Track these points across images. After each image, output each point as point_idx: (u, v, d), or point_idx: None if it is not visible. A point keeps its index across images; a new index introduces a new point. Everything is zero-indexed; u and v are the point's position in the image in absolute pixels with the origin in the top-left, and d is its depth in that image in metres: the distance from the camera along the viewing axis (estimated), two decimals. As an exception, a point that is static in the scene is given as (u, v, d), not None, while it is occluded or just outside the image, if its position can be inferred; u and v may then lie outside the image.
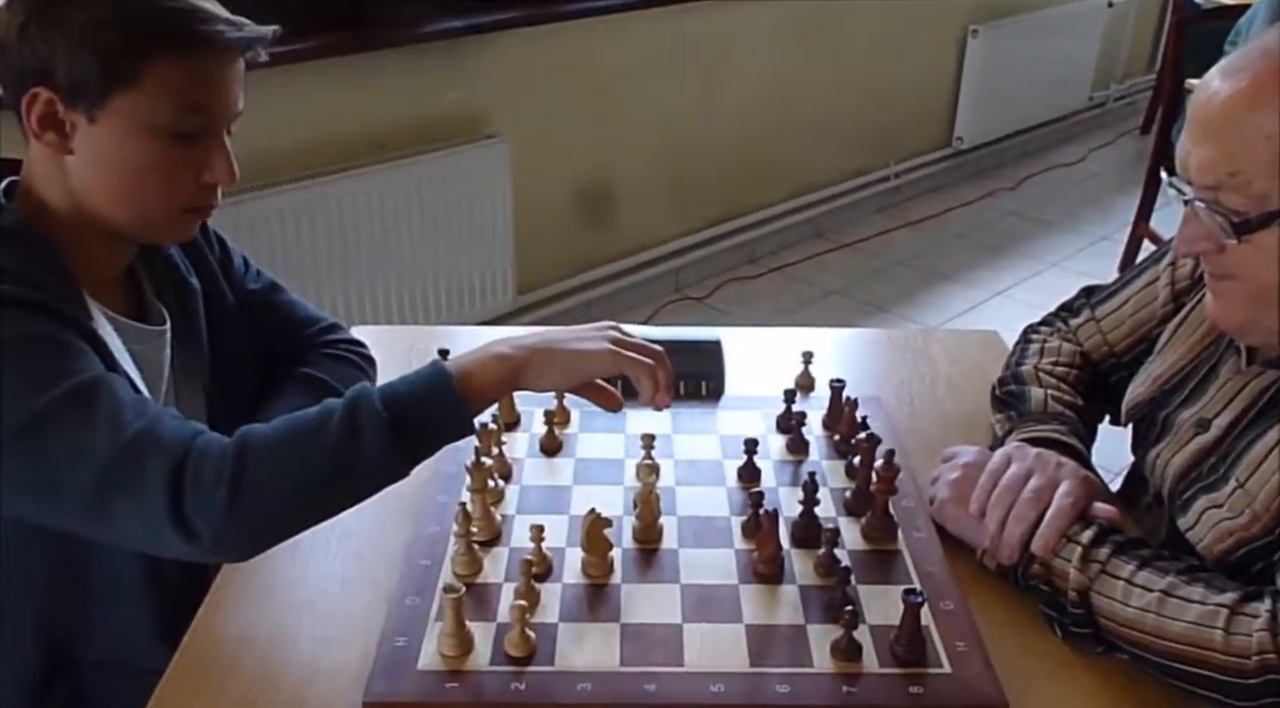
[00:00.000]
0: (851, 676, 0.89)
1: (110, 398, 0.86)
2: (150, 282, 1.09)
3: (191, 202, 1.00)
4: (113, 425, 0.85)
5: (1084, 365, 1.21)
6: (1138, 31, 4.98)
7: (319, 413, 0.87)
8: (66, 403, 0.85)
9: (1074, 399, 1.15)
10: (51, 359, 0.87)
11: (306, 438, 0.86)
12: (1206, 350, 1.05)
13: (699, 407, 1.29)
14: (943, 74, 4.10)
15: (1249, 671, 0.82)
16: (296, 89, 2.39)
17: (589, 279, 3.15)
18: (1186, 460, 1.01)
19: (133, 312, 1.05)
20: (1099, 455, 1.13)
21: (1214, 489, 0.96)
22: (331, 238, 2.46)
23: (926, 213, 4.03)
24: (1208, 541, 0.95)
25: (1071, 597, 0.92)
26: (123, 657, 1.05)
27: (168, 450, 0.84)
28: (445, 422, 0.88)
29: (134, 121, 0.93)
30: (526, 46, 2.76)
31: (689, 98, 3.25)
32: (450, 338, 1.39)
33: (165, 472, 0.83)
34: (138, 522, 0.84)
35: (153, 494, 0.83)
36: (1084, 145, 4.74)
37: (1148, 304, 1.17)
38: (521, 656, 0.90)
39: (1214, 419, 0.99)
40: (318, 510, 0.90)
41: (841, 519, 1.09)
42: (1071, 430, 1.09)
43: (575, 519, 1.05)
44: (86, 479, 0.84)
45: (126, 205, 0.97)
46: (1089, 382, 1.20)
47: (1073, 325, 1.25)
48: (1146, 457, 1.08)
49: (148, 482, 0.83)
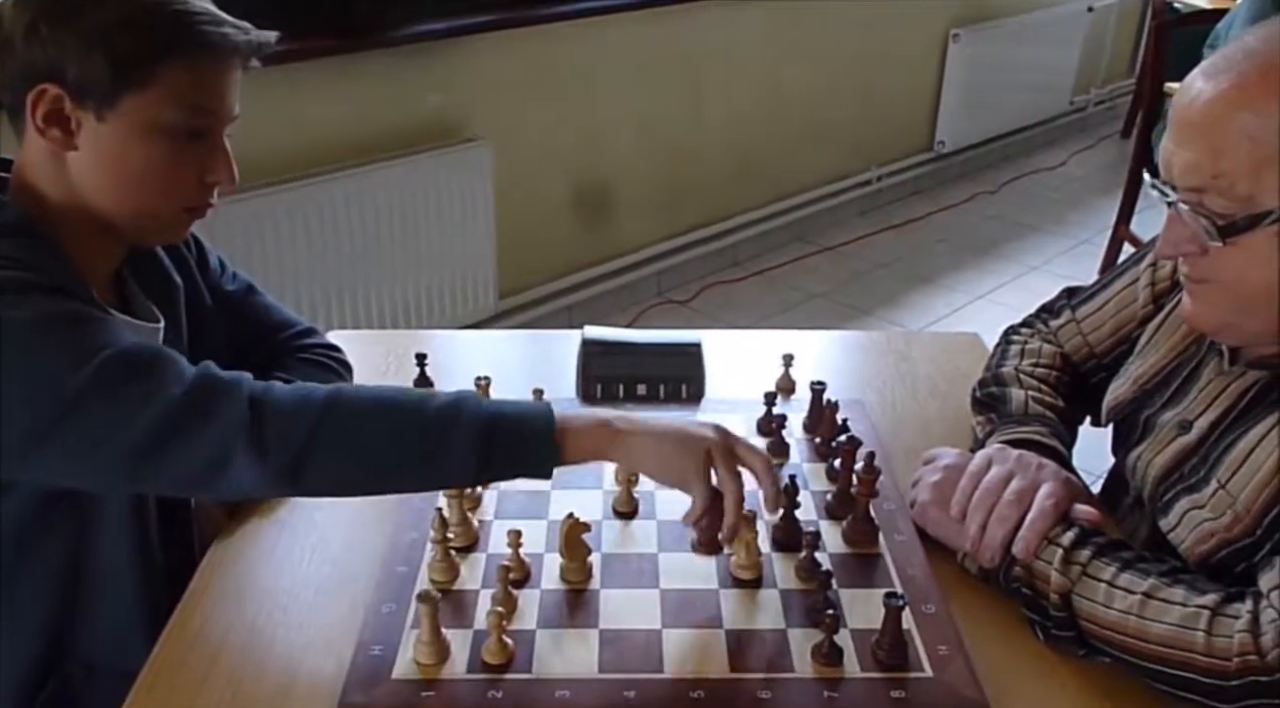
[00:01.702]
0: (833, 680, 0.88)
1: (165, 355, 0.88)
2: (137, 282, 1.09)
3: (192, 201, 1.01)
4: (176, 370, 0.86)
5: (1064, 367, 1.21)
6: (1118, 36, 5.01)
7: (421, 394, 0.93)
8: (118, 364, 0.85)
9: (1054, 401, 1.15)
10: (91, 327, 0.88)
11: (404, 408, 0.89)
12: (1189, 351, 1.05)
13: (679, 409, 1.28)
14: (925, 78, 4.11)
15: (1230, 672, 0.81)
16: (275, 92, 2.37)
17: (571, 283, 3.14)
18: (1168, 462, 1.00)
19: (120, 309, 1.05)
20: (1080, 458, 1.13)
21: (1195, 490, 0.96)
22: (311, 241, 2.44)
23: (908, 216, 4.04)
24: (1189, 542, 0.95)
25: (1053, 600, 0.91)
26: (114, 658, 1.03)
27: (243, 385, 0.87)
28: (530, 456, 0.90)
29: (143, 122, 0.94)
30: (508, 49, 2.75)
31: (672, 101, 3.25)
32: (429, 342, 1.38)
33: (245, 398, 0.85)
34: (212, 446, 0.84)
35: (232, 416, 0.84)
36: (1065, 149, 4.76)
37: (1128, 305, 1.17)
38: (499, 663, 0.89)
39: (1195, 420, 0.99)
40: (378, 479, 0.91)
41: (822, 522, 1.08)
42: (1052, 432, 1.08)
43: (554, 525, 1.04)
44: (159, 413, 0.83)
45: (129, 203, 0.98)
46: (1069, 383, 1.19)
47: (1053, 327, 1.25)
48: (1127, 458, 1.08)
49: (231, 405, 0.85)
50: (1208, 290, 0.92)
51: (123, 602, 1.03)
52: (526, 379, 1.25)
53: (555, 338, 1.49)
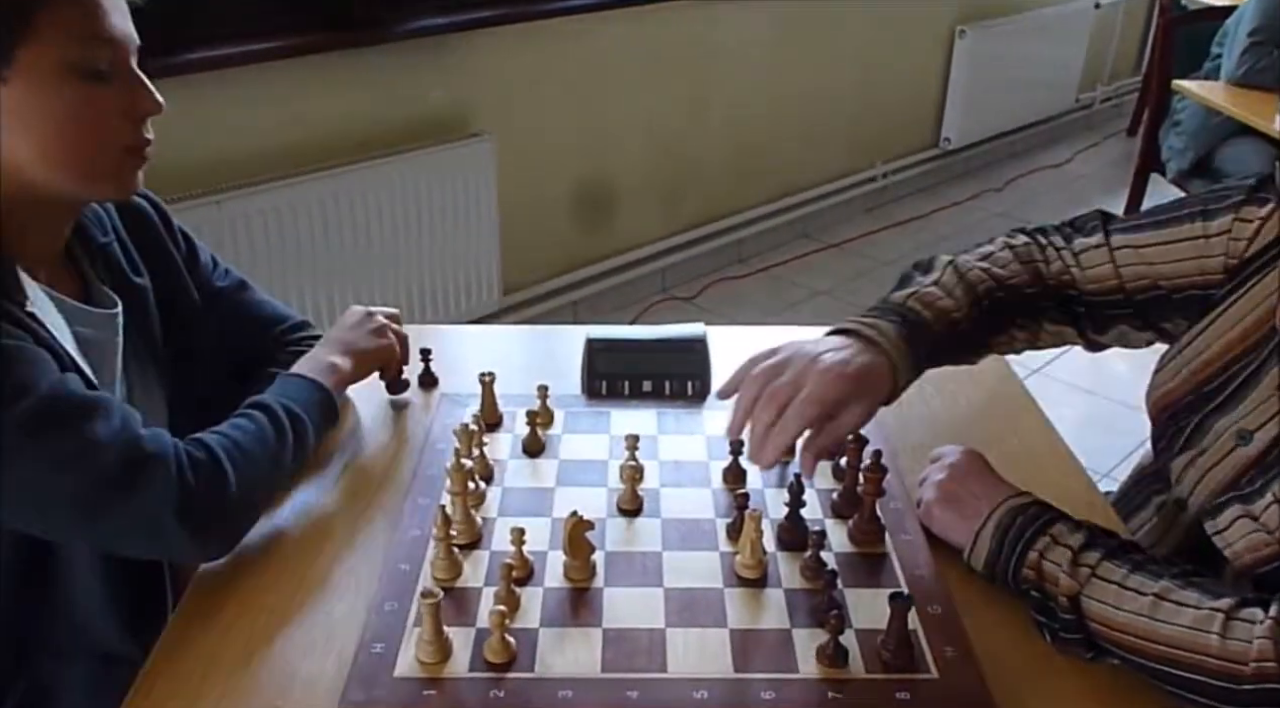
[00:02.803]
0: (838, 681, 0.87)
1: (82, 411, 0.90)
2: (95, 272, 1.07)
3: (127, 139, 0.98)
4: (94, 439, 0.89)
5: (1014, 282, 1.09)
6: (1125, 33, 4.99)
7: (266, 420, 1.03)
8: (41, 420, 0.86)
9: (954, 304, 1.05)
10: (15, 367, 0.87)
11: (271, 442, 1.02)
12: (1251, 352, 0.99)
13: (684, 407, 1.27)
14: (930, 75, 4.09)
15: (1244, 676, 0.80)
16: (280, 87, 2.37)
17: (576, 279, 3.13)
18: (1228, 475, 0.97)
19: (79, 296, 1.04)
20: (1088, 458, 1.11)
21: (1250, 501, 0.93)
22: (315, 237, 2.44)
23: (914, 214, 4.02)
24: (1240, 546, 0.93)
25: (1062, 602, 0.90)
26: (86, 643, 1.03)
27: (160, 460, 0.92)
28: (330, 408, 1.14)
29: (46, 71, 0.91)
30: (512, 44, 2.74)
31: (677, 97, 3.23)
32: (433, 337, 1.37)
33: (172, 480, 0.91)
34: (139, 528, 0.92)
35: (158, 498, 0.90)
36: (1071, 147, 4.75)
37: (1191, 258, 1.04)
38: (501, 662, 0.88)
39: (1256, 432, 0.96)
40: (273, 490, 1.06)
41: (828, 521, 1.07)
42: (900, 327, 1.01)
43: (557, 522, 1.03)
44: (77, 491, 0.88)
45: (65, 160, 0.95)
46: (1005, 299, 1.08)
47: (1076, 245, 1.11)
48: (1173, 461, 1.05)
49: (153, 486, 0.90)
50: None
51: (92, 583, 1.02)
52: (530, 375, 1.25)
53: (559, 334, 1.48)
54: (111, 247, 1.09)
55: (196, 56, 2.19)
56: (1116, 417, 2.59)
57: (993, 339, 1.12)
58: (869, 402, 0.97)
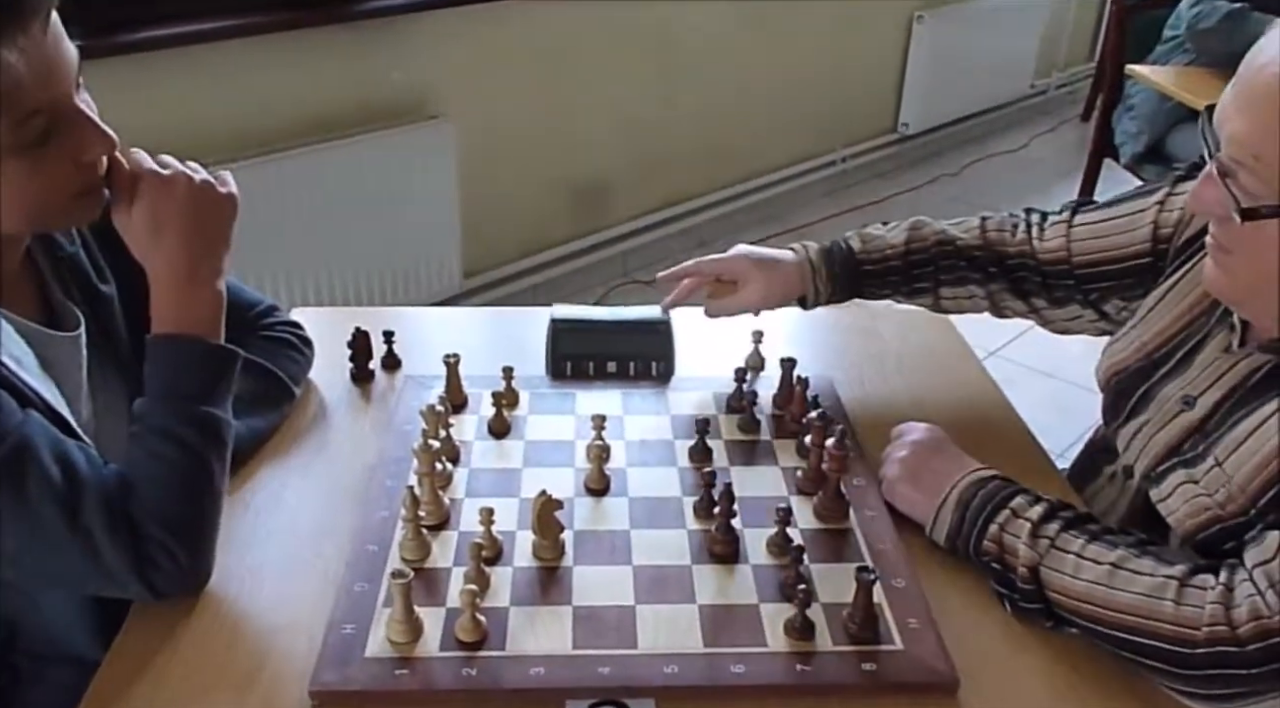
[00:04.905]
0: (805, 654, 0.89)
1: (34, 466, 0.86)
2: (58, 284, 1.04)
3: (78, 187, 0.92)
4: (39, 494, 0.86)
5: (964, 247, 1.23)
6: (1079, 20, 5.05)
7: (183, 452, 0.93)
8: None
9: (891, 251, 1.24)
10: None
11: (198, 474, 0.94)
12: (1196, 323, 1.03)
13: (649, 387, 1.28)
14: (889, 60, 4.12)
15: (1198, 641, 0.83)
16: (234, 67, 2.33)
17: (537, 262, 3.12)
18: (1171, 439, 1.00)
19: (41, 316, 1.00)
20: (1045, 436, 1.14)
21: (1192, 466, 0.96)
22: (272, 219, 2.40)
23: (872, 198, 4.05)
24: (1181, 513, 0.95)
25: (1022, 573, 0.92)
26: (60, 648, 1.01)
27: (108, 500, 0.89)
28: (227, 369, 1.02)
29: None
30: (472, 25, 2.72)
31: (638, 81, 3.23)
32: (395, 319, 1.37)
33: (125, 543, 0.89)
34: (97, 576, 0.89)
35: (110, 556, 0.88)
36: (1026, 132, 4.80)
37: (1123, 231, 1.12)
38: (472, 641, 0.88)
39: (1199, 397, 0.99)
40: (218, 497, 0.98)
41: (794, 499, 1.08)
42: (825, 246, 1.24)
43: (525, 502, 1.03)
44: (25, 543, 0.86)
45: (17, 221, 0.91)
46: (943, 261, 1.23)
47: (1049, 221, 1.21)
48: (1122, 430, 1.08)
49: (100, 546, 0.88)
50: (1230, 261, 0.90)
51: (69, 599, 1.01)
52: (494, 357, 1.25)
53: (523, 315, 1.48)
54: (78, 256, 1.05)
55: (148, 35, 2.14)
56: (1072, 398, 2.63)
57: (918, 284, 1.25)
58: (769, 285, 1.23)
